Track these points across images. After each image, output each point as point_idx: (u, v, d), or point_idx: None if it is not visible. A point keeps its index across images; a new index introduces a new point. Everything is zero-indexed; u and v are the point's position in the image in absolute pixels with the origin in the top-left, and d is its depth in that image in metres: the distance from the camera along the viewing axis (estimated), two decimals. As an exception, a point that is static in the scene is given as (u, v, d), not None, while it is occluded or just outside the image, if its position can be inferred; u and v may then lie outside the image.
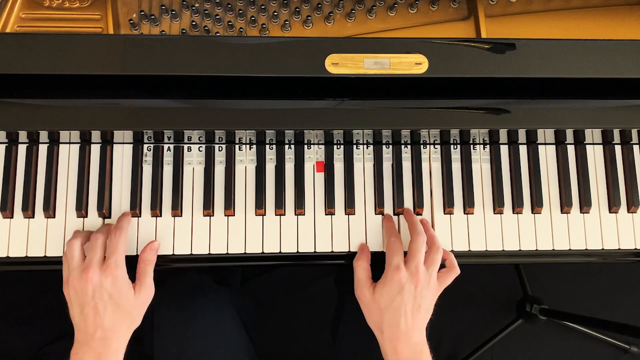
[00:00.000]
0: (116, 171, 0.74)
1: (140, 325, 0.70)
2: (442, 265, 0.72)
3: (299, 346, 1.33)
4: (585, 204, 0.76)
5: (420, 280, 0.66)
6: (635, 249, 0.76)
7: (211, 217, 0.74)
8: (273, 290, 1.37)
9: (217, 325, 0.79)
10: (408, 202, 0.75)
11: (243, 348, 0.82)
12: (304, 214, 0.74)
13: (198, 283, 0.84)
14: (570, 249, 0.76)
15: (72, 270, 0.64)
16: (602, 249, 0.76)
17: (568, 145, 0.78)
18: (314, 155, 0.76)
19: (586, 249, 0.76)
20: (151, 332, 0.80)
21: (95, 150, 0.74)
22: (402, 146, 0.76)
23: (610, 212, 0.77)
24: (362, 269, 0.70)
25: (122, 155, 0.74)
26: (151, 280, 0.67)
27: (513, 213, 0.76)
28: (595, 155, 0.78)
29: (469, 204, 0.75)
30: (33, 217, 0.73)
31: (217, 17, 0.75)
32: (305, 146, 0.76)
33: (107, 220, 0.73)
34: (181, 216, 0.73)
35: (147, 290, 0.66)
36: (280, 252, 0.73)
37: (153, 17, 0.75)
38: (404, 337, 0.64)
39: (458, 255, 0.75)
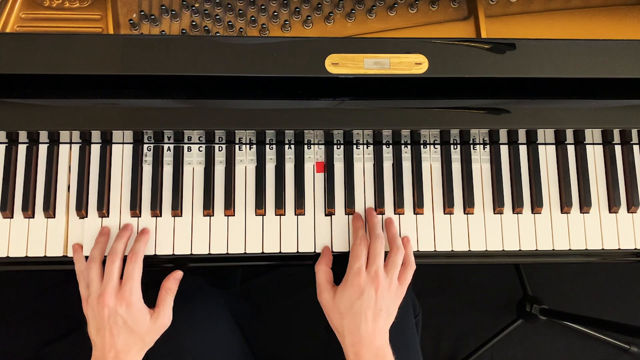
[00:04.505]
0: (116, 171, 0.74)
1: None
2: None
3: (296, 348, 1.33)
4: (585, 204, 0.76)
5: (380, 284, 0.66)
6: (635, 249, 0.76)
7: (211, 217, 0.74)
8: (269, 292, 1.37)
9: (212, 328, 0.79)
10: (408, 202, 0.75)
11: (239, 350, 0.82)
12: (304, 214, 0.74)
13: (193, 286, 0.83)
14: (570, 249, 0.76)
15: (91, 293, 0.66)
16: (602, 249, 0.76)
17: (568, 145, 0.78)
18: (314, 155, 0.76)
19: (586, 249, 0.76)
20: None
21: (95, 150, 0.74)
22: (402, 146, 0.76)
23: (610, 212, 0.77)
24: (322, 273, 0.70)
25: (122, 155, 0.74)
26: (170, 309, 0.69)
27: (513, 213, 0.76)
28: (595, 155, 0.78)
29: (469, 204, 0.75)
30: (33, 217, 0.73)
31: (217, 17, 0.75)
32: (305, 146, 0.76)
33: (105, 220, 0.73)
34: (181, 216, 0.73)
35: (164, 318, 0.68)
36: (280, 252, 0.73)
37: (153, 17, 0.75)
38: (364, 341, 0.65)
39: (458, 255, 0.75)
